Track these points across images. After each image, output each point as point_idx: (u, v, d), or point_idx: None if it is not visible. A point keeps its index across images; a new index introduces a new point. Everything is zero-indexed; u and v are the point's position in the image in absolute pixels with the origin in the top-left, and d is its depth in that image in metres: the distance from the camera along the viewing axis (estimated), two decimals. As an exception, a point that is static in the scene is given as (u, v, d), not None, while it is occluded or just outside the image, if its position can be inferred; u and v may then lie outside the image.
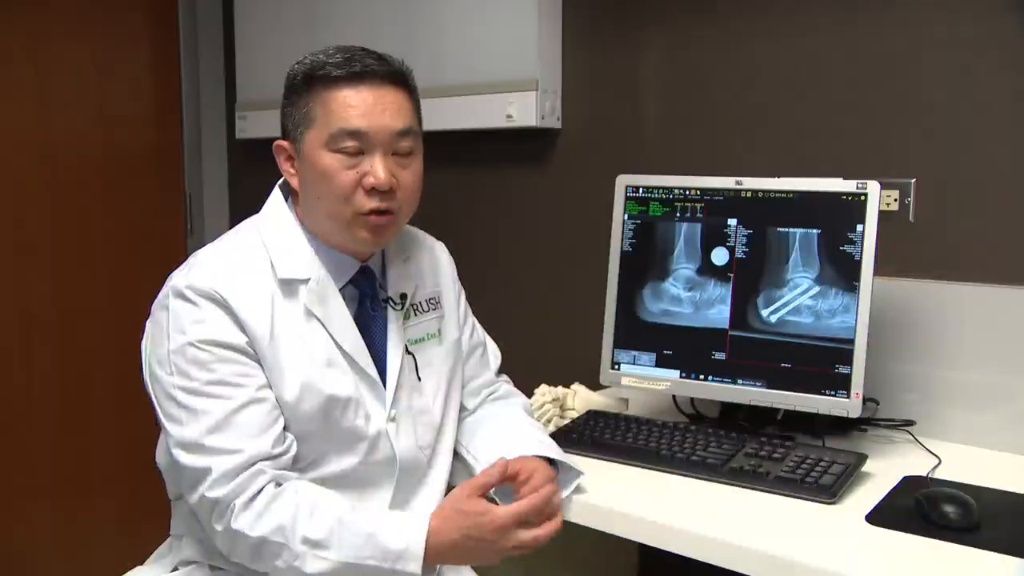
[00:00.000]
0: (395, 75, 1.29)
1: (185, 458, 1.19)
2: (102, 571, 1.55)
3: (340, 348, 1.29)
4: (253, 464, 1.18)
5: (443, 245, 1.54)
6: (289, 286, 1.27)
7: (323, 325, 1.28)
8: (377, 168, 1.25)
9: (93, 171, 2.67)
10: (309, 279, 1.28)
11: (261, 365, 1.23)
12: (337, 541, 1.15)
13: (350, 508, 1.21)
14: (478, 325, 1.56)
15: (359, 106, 1.25)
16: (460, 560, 1.25)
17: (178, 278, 1.25)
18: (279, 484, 1.19)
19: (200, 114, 2.93)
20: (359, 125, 1.24)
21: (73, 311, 2.65)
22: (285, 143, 1.32)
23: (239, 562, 1.22)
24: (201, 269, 1.25)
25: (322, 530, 1.16)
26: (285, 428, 1.24)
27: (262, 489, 1.17)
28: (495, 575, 1.47)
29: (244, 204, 1.72)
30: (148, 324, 1.28)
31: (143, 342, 1.29)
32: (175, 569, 1.35)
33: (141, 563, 1.42)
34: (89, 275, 2.68)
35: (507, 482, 1.26)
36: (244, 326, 1.22)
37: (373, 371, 1.32)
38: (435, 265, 1.49)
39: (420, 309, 1.42)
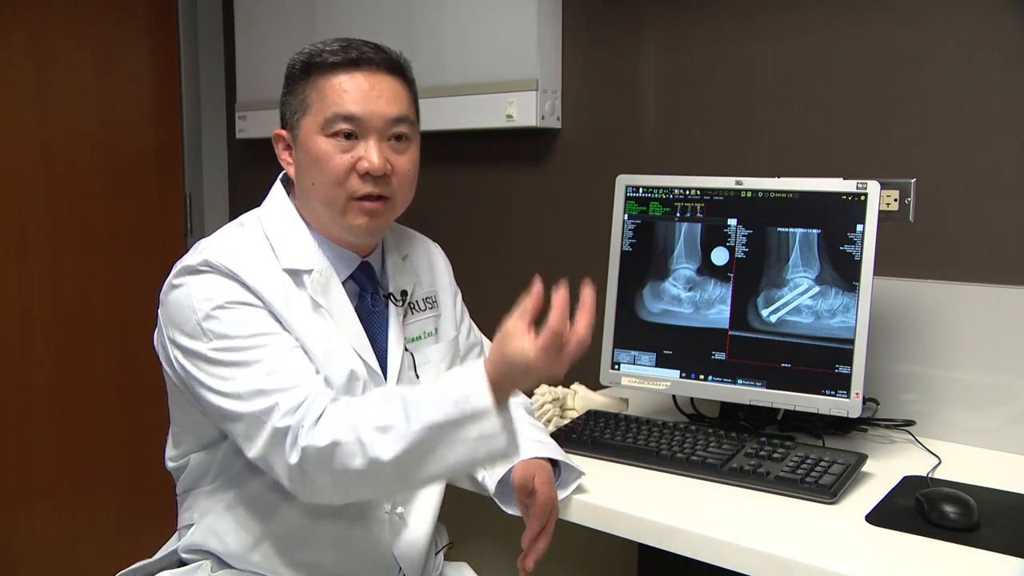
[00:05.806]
0: (391, 63, 1.29)
1: (245, 406, 1.16)
2: (103, 570, 1.55)
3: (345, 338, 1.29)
4: (313, 393, 1.16)
5: (439, 246, 1.54)
6: (295, 276, 1.28)
7: (329, 315, 1.28)
8: (371, 152, 1.25)
9: (93, 171, 2.67)
10: (312, 269, 1.28)
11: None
12: (405, 415, 1.09)
13: (404, 388, 1.18)
14: (475, 326, 1.56)
15: (354, 91, 1.25)
16: (520, 385, 1.15)
17: (188, 259, 1.25)
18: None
19: (200, 114, 2.93)
20: (353, 110, 1.25)
21: (73, 311, 2.65)
22: (283, 132, 1.33)
23: (316, 498, 1.16)
24: (212, 251, 1.24)
25: (388, 413, 1.11)
26: None
27: (325, 409, 1.14)
28: (495, 575, 1.47)
29: (244, 204, 1.72)
30: (160, 313, 1.27)
31: (158, 334, 1.29)
32: (181, 563, 1.35)
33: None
34: (89, 275, 2.68)
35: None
36: (263, 300, 1.23)
37: (376, 364, 1.32)
38: (432, 265, 1.49)
39: (417, 308, 1.43)
